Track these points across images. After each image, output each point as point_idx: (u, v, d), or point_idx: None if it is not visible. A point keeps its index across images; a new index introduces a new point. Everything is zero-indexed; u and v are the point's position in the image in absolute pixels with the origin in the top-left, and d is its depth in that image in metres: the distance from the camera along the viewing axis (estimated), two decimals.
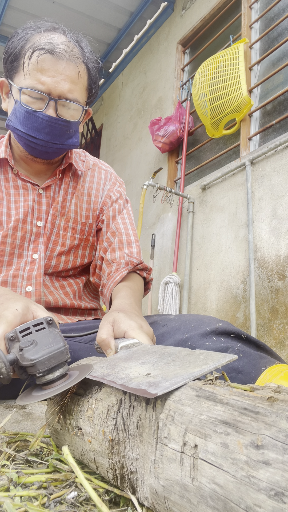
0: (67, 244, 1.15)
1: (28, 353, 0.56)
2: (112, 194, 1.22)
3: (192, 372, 0.43)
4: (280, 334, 2.22)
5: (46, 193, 1.13)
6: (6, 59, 1.00)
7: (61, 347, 0.58)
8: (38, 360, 0.56)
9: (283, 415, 0.31)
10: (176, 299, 2.97)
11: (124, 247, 1.16)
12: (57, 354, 0.57)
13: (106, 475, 0.47)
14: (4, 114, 6.06)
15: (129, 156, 4.47)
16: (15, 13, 4.19)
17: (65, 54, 0.96)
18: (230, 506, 0.30)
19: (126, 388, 0.45)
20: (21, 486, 0.46)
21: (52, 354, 0.56)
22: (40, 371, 0.56)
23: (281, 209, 2.37)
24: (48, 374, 0.57)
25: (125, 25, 4.49)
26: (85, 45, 1.02)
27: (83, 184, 1.19)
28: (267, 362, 0.78)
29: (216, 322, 0.88)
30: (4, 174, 1.12)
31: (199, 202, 3.13)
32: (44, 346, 0.57)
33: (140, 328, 0.72)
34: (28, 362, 0.56)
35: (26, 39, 0.98)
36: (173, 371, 0.45)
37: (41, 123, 0.97)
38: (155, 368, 0.48)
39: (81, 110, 1.02)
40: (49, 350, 0.57)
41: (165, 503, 0.37)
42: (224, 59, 2.84)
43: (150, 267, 1.18)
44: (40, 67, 0.94)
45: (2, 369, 0.56)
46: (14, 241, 1.09)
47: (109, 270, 1.12)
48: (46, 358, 0.56)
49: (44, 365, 0.56)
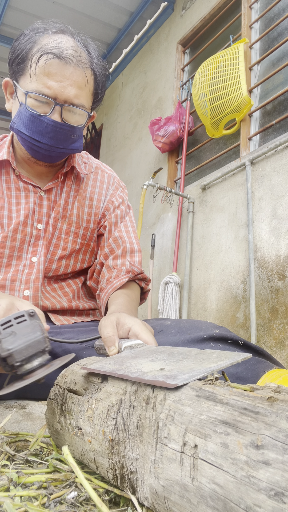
0: (69, 248, 1.14)
1: (5, 343, 0.57)
2: (114, 200, 1.22)
3: (209, 366, 0.42)
4: (280, 334, 2.22)
5: (48, 195, 1.13)
6: (13, 60, 0.99)
7: (38, 336, 0.59)
8: (14, 349, 0.56)
9: (283, 415, 0.31)
10: (176, 299, 2.97)
11: (127, 255, 1.15)
12: (34, 343, 0.58)
13: (106, 475, 0.47)
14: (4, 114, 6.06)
15: (129, 156, 4.47)
16: (15, 13, 4.19)
17: (73, 59, 0.95)
18: (230, 506, 0.30)
19: (142, 380, 0.44)
20: (21, 486, 0.46)
21: (29, 343, 0.57)
22: (17, 360, 0.56)
23: (281, 209, 2.37)
24: (26, 363, 0.57)
25: (125, 25, 4.49)
26: (93, 49, 1.02)
27: (85, 188, 1.19)
28: (266, 367, 0.78)
29: (213, 329, 0.87)
30: (6, 176, 1.11)
31: (199, 202, 3.13)
32: (21, 336, 0.58)
33: (145, 325, 0.72)
34: (5, 352, 0.57)
35: (34, 41, 0.97)
36: (188, 366, 0.45)
37: (45, 128, 0.97)
38: (167, 364, 0.48)
39: (86, 115, 1.02)
40: (26, 339, 0.57)
41: (165, 503, 0.37)
42: (224, 59, 2.84)
43: (149, 278, 1.18)
44: (47, 71, 0.94)
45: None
46: (13, 244, 1.09)
47: (109, 275, 1.12)
48: (23, 348, 0.57)
49: (21, 354, 0.57)
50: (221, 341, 0.84)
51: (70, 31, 1.01)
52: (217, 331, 0.86)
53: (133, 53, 4.74)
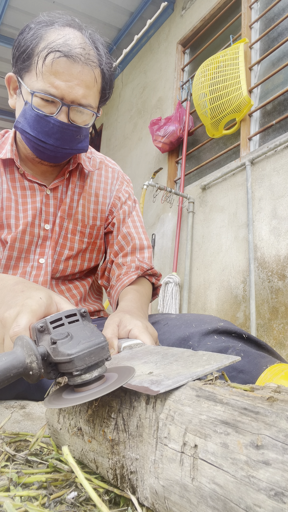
0: (75, 248, 1.12)
1: (63, 346, 0.48)
2: (121, 195, 1.19)
3: (195, 371, 0.43)
4: (280, 334, 2.22)
5: (54, 194, 1.10)
6: (18, 56, 0.94)
7: (102, 341, 0.50)
8: (77, 355, 0.47)
9: (283, 415, 0.31)
10: (176, 299, 2.97)
11: (136, 252, 1.14)
12: (97, 350, 0.49)
13: (106, 475, 0.47)
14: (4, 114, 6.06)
15: (129, 156, 4.47)
16: (15, 13, 4.19)
17: (81, 57, 0.90)
18: (230, 506, 0.30)
19: (128, 385, 0.45)
20: (21, 486, 0.46)
21: (92, 349, 0.48)
22: (78, 368, 0.47)
23: (281, 209, 2.37)
24: (85, 373, 0.48)
25: (125, 25, 4.49)
26: (101, 46, 0.97)
27: (90, 184, 1.16)
28: (268, 362, 0.78)
29: (217, 322, 0.88)
30: (10, 174, 1.07)
31: (199, 202, 3.13)
32: (82, 339, 0.49)
33: (145, 328, 0.72)
34: (64, 357, 0.47)
35: (40, 37, 0.92)
36: (176, 370, 0.45)
37: (52, 128, 0.93)
38: (157, 367, 0.48)
39: (93, 115, 0.98)
40: (89, 344, 0.48)
41: (165, 503, 0.37)
42: (224, 59, 2.84)
43: (160, 273, 1.17)
44: (55, 70, 0.89)
45: (33, 364, 0.47)
46: (22, 245, 1.06)
47: (118, 272, 1.11)
48: (85, 354, 0.48)
49: (83, 362, 0.47)
50: (225, 334, 0.84)
51: (78, 25, 0.96)
52: (222, 324, 0.86)
53: (133, 53, 4.74)
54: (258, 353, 0.80)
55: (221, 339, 0.82)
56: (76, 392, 0.49)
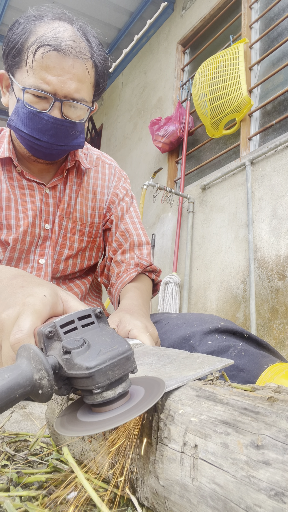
0: (75, 247, 1.11)
1: (79, 357, 0.39)
2: (118, 192, 1.19)
3: (186, 375, 0.43)
4: (280, 334, 2.22)
5: (53, 193, 1.08)
6: (8, 52, 0.92)
7: (126, 350, 0.40)
8: (97, 368, 0.38)
9: (283, 415, 0.31)
10: (176, 299, 2.97)
11: (134, 248, 1.14)
12: (122, 361, 0.39)
13: (106, 475, 0.47)
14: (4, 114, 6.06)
15: (129, 156, 4.47)
16: (15, 13, 4.19)
17: (72, 50, 0.88)
18: (230, 506, 0.30)
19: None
20: (21, 486, 0.46)
21: (116, 361, 0.39)
22: (99, 385, 0.38)
23: (281, 209, 2.37)
24: (108, 390, 0.39)
25: (125, 25, 4.49)
26: (93, 38, 0.94)
27: (87, 181, 1.14)
28: (269, 361, 0.78)
29: (218, 321, 0.88)
30: (8, 174, 1.05)
31: (199, 202, 3.13)
32: (102, 348, 0.40)
33: (145, 328, 0.72)
34: (82, 371, 0.38)
35: (29, 31, 0.89)
36: (168, 373, 0.45)
37: (45, 125, 0.91)
38: (151, 370, 0.49)
39: (88, 109, 0.96)
40: (111, 354, 0.39)
41: (165, 503, 0.37)
42: (224, 59, 2.84)
43: (159, 269, 1.17)
44: (45, 64, 0.87)
45: (43, 381, 0.38)
46: (23, 246, 1.05)
47: (118, 270, 1.10)
48: (108, 366, 0.38)
49: (105, 377, 0.38)
50: (226, 333, 0.84)
51: (68, 17, 0.93)
52: (223, 323, 0.86)
53: (133, 53, 4.74)
54: (259, 352, 0.80)
55: (222, 338, 0.82)
56: (95, 412, 0.41)
